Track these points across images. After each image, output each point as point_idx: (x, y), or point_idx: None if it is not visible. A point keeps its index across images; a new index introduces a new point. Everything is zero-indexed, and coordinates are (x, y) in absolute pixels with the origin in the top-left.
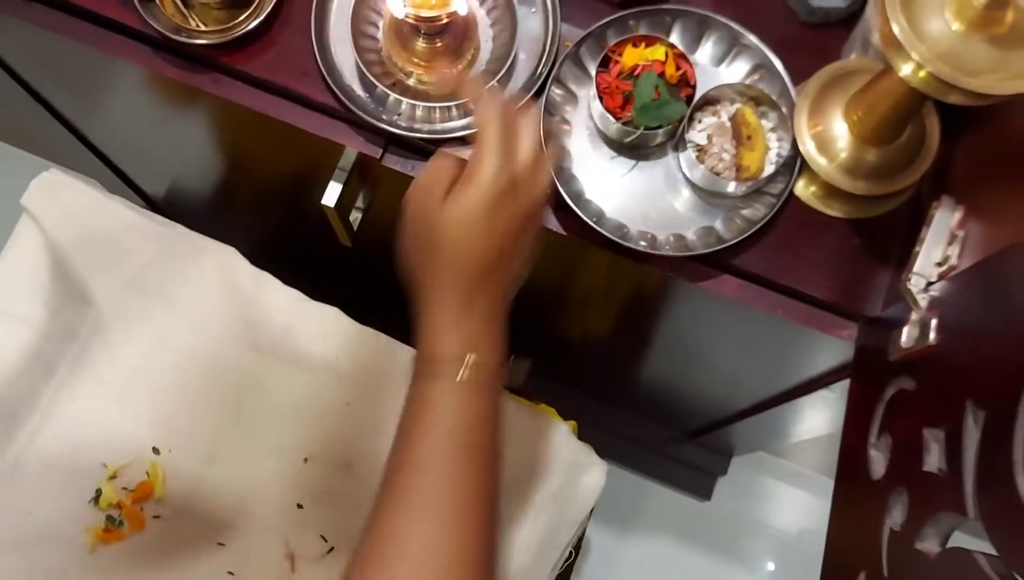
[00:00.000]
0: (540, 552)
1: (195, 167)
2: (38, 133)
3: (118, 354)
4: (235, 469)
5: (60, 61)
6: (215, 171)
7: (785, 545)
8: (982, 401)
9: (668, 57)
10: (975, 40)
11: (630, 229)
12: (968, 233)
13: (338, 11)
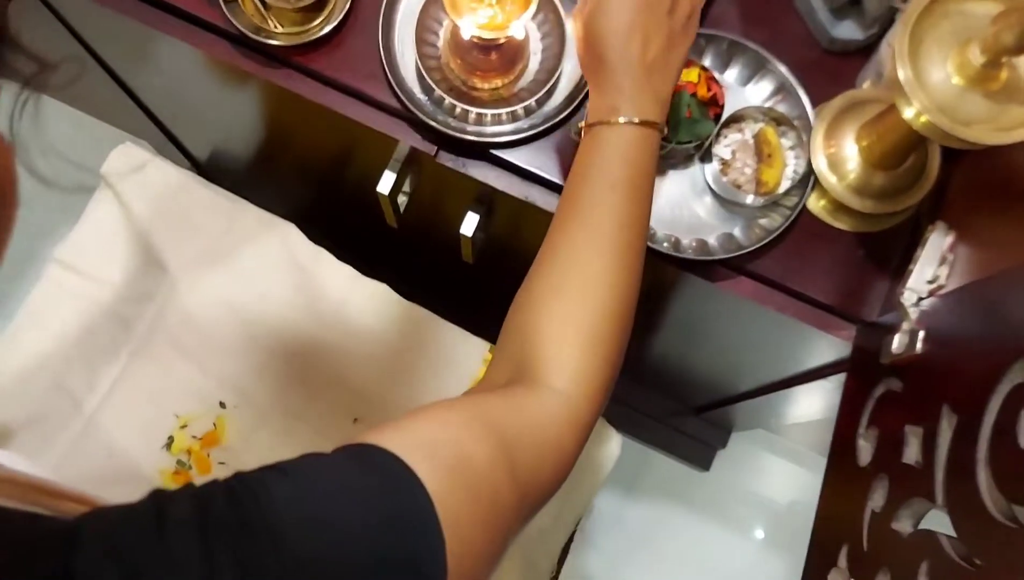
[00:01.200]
0: (560, 513)
1: (255, 145)
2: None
3: (191, 318)
4: (291, 424)
5: (138, 43)
6: (275, 151)
7: (776, 516)
8: (956, 406)
9: (700, 79)
10: (972, 94)
11: (657, 232)
12: (958, 256)
13: (403, 20)
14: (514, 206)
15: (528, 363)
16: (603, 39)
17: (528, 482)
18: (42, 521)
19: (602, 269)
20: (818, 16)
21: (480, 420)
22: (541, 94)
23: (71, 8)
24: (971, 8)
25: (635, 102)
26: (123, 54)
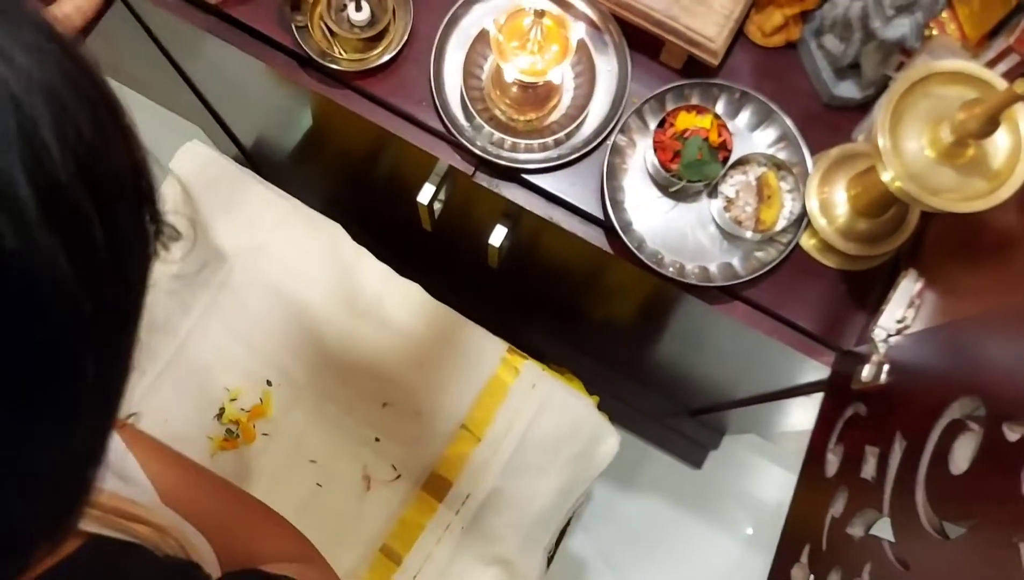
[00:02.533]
0: (559, 498)
1: (303, 144)
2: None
3: (244, 303)
4: (329, 404)
5: (207, 46)
6: (322, 152)
7: (763, 515)
8: (906, 433)
9: (713, 125)
10: (941, 166)
11: (664, 257)
12: (924, 302)
13: (452, 54)
14: (538, 223)
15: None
16: None
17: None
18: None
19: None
20: (822, 75)
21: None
22: (570, 128)
23: (155, 18)
24: (946, 92)
25: None
26: (191, 54)
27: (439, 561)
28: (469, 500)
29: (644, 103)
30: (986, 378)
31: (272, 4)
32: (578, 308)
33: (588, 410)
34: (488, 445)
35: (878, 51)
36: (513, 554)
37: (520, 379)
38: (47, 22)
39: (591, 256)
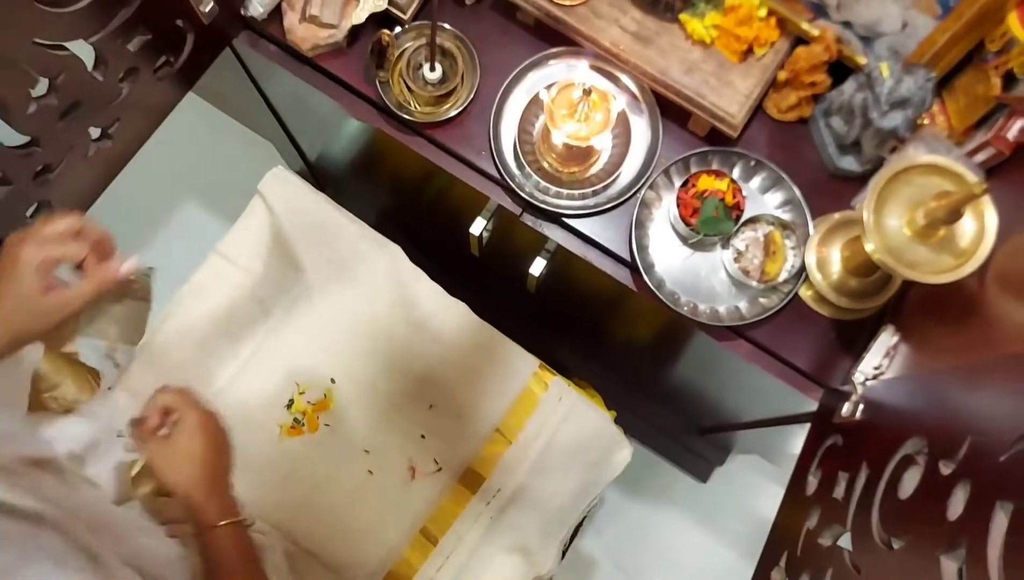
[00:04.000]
0: (576, 498)
1: (369, 169)
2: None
3: (315, 311)
4: (382, 402)
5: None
6: (385, 179)
7: (759, 529)
8: (870, 463)
9: (729, 188)
10: (916, 243)
11: (680, 297)
12: (897, 354)
13: (509, 112)
14: (574, 259)
15: None
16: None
17: None
18: None
19: None
20: (828, 149)
21: None
22: (607, 181)
23: (254, 60)
24: (925, 181)
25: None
26: (277, 84)
27: (469, 544)
28: (499, 494)
29: (671, 164)
30: (932, 422)
31: (360, 60)
32: (602, 330)
33: (606, 423)
34: (518, 447)
35: (876, 136)
36: (533, 544)
37: (549, 392)
38: None
39: (616, 288)
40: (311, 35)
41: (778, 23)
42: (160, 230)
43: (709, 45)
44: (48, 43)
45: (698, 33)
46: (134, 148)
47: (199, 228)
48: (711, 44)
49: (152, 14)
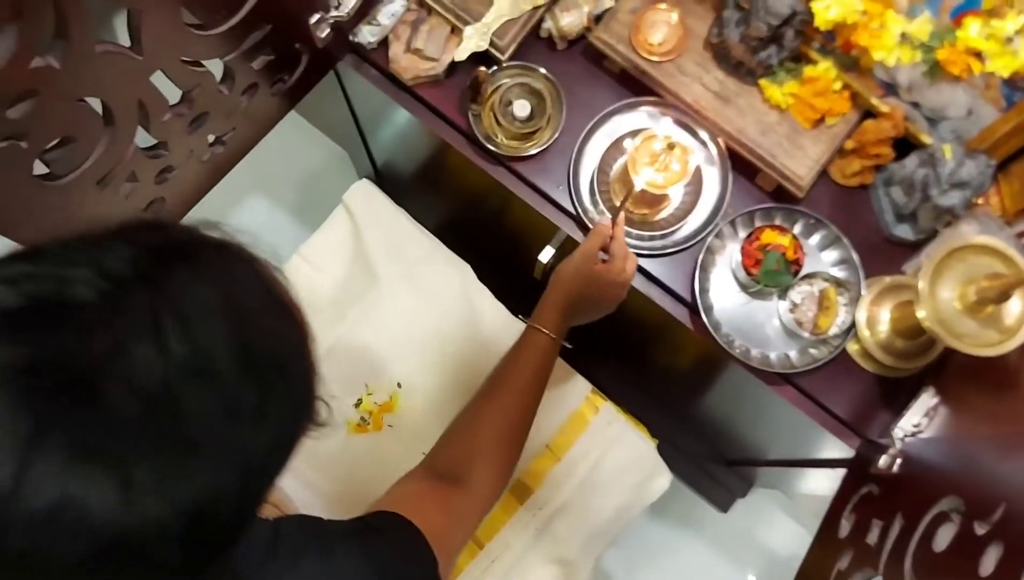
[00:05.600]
0: (616, 517)
1: (444, 188)
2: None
3: (387, 318)
4: (442, 410)
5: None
6: (462, 200)
7: (775, 564)
8: (905, 515)
9: (791, 244)
10: (965, 317)
11: (735, 340)
12: (937, 414)
13: (589, 152)
14: (634, 294)
15: (463, 471)
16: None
17: (450, 531)
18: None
19: (518, 424)
20: (885, 216)
21: (441, 504)
22: (676, 226)
23: (353, 82)
24: (979, 261)
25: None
26: (368, 105)
27: (514, 551)
28: (545, 507)
29: (737, 216)
30: (968, 484)
31: (455, 92)
32: (644, 356)
33: (650, 450)
34: (565, 465)
35: (933, 211)
36: (572, 557)
37: (599, 416)
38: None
39: (667, 321)
40: (413, 65)
41: (851, 96)
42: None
43: (784, 110)
44: (191, 60)
45: (775, 98)
46: (240, 155)
47: (265, 223)
48: (786, 109)
49: (278, 37)
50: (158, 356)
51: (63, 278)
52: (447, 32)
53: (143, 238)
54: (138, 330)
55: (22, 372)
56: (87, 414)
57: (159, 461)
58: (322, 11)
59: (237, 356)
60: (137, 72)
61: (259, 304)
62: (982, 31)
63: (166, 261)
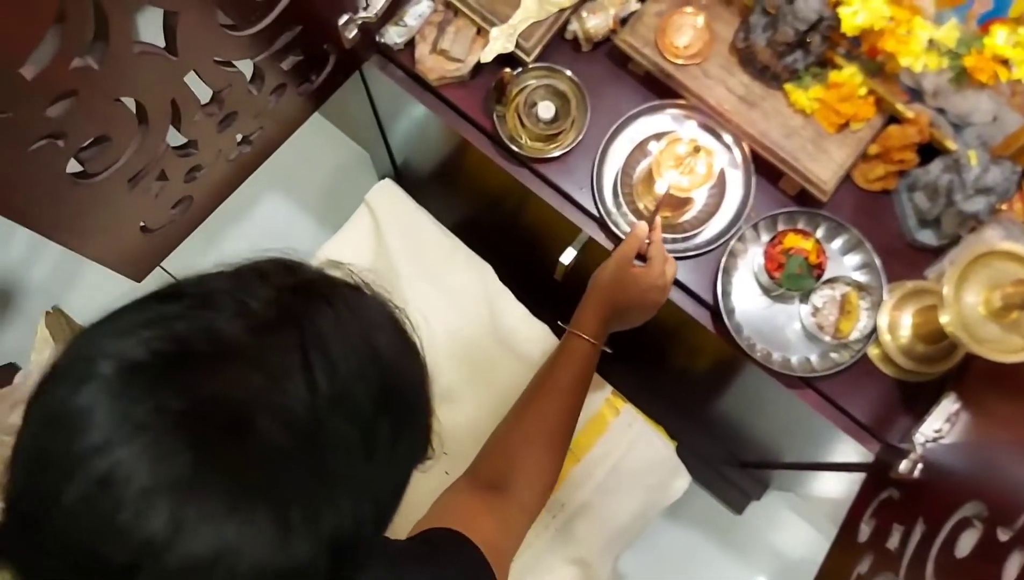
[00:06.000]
0: (635, 518)
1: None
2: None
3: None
4: (465, 411)
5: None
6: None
7: (788, 567)
8: (926, 520)
9: (814, 248)
10: (989, 322)
11: (756, 344)
12: (958, 420)
13: (613, 154)
14: None
15: (508, 480)
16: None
17: (502, 540)
18: None
19: (561, 429)
20: (908, 221)
21: (490, 516)
22: (699, 229)
23: (378, 82)
24: (1006, 267)
25: (599, 334)
26: (391, 105)
27: (533, 552)
28: (564, 508)
29: (760, 220)
30: (991, 490)
31: (479, 93)
32: (661, 357)
33: (669, 452)
34: (585, 466)
35: (957, 216)
36: (592, 557)
37: (619, 418)
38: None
39: (688, 323)
40: (439, 66)
41: (876, 101)
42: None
43: (809, 115)
44: (223, 61)
45: (800, 103)
46: (266, 154)
47: (285, 220)
48: (811, 114)
49: (307, 38)
50: (308, 393)
51: (212, 321)
52: (473, 33)
53: (279, 279)
54: (289, 368)
55: (178, 416)
56: (245, 453)
57: (310, 498)
58: (351, 12)
59: (375, 391)
60: (171, 72)
61: (391, 342)
62: (1009, 38)
63: (306, 300)
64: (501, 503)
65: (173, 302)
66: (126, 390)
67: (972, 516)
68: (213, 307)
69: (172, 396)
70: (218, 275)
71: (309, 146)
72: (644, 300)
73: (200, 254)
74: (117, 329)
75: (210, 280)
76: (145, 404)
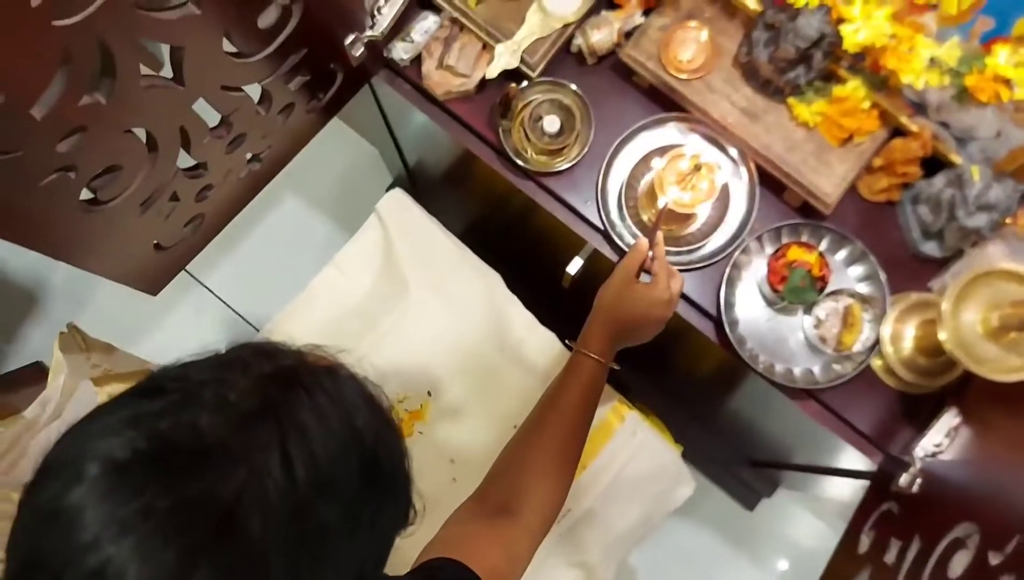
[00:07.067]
0: (639, 524)
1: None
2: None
3: (418, 327)
4: (472, 418)
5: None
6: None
7: (798, 563)
8: (923, 537)
9: (817, 261)
10: (987, 341)
11: (759, 355)
12: (959, 435)
13: (617, 168)
14: None
15: (516, 503)
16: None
17: (507, 568)
18: None
19: (569, 452)
20: (912, 233)
21: (496, 542)
22: (702, 242)
23: (387, 95)
24: (1006, 286)
25: (605, 352)
26: (401, 115)
27: (537, 556)
28: (569, 514)
29: (764, 232)
30: (985, 511)
31: (485, 107)
32: (671, 360)
33: (674, 458)
34: (590, 473)
35: (959, 231)
36: (594, 562)
37: (625, 425)
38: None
39: (693, 334)
40: (445, 81)
41: (879, 114)
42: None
43: (812, 128)
44: (231, 86)
45: (803, 116)
46: (277, 169)
47: (299, 219)
48: (814, 127)
49: (314, 59)
50: (290, 484)
51: (194, 419)
52: (479, 49)
53: (257, 367)
54: (270, 462)
55: (165, 514)
56: (230, 549)
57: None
58: (357, 31)
59: (356, 473)
60: (179, 101)
61: (368, 422)
62: (1011, 58)
63: (284, 390)
64: (508, 530)
65: (156, 398)
66: (113, 492)
67: (964, 537)
68: (195, 402)
69: (158, 496)
70: (199, 365)
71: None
72: (650, 315)
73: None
74: (103, 428)
75: (191, 371)
76: (132, 505)
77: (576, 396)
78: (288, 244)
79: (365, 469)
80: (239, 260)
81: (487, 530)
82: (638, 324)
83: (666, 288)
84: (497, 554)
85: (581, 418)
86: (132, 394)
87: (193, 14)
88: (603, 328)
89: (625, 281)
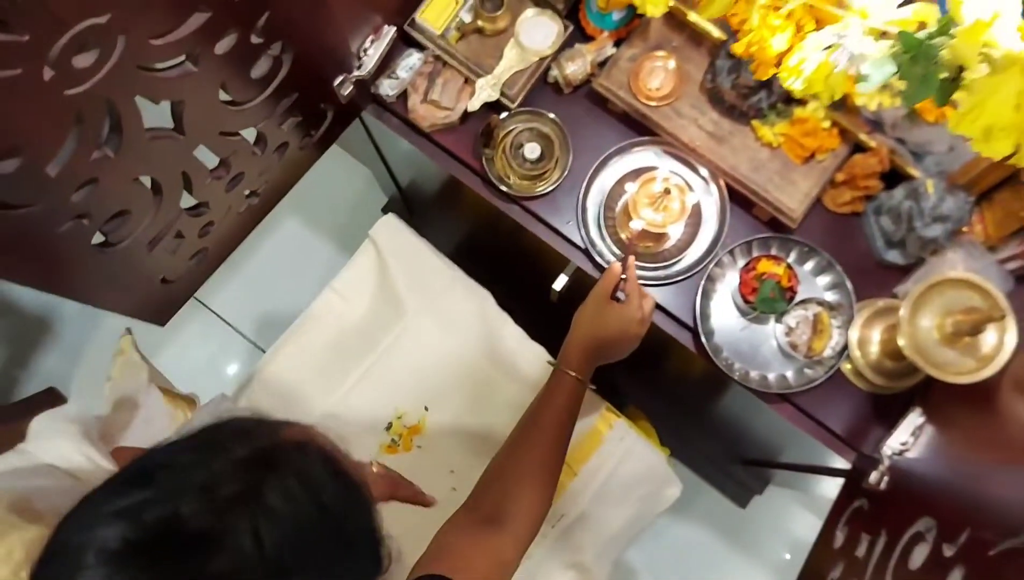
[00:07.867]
0: (629, 525)
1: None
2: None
3: (414, 346)
4: (468, 431)
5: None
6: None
7: (791, 557)
8: (888, 532)
9: (785, 273)
10: (942, 346)
11: (735, 363)
12: (923, 434)
13: (595, 190)
14: None
15: (503, 513)
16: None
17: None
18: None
19: (551, 462)
20: (876, 242)
21: (486, 552)
22: (678, 257)
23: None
24: (959, 294)
25: (583, 369)
26: (391, 144)
27: (534, 559)
28: (563, 518)
29: (736, 246)
30: (942, 506)
31: (469, 137)
32: (660, 365)
33: (660, 462)
34: (582, 478)
35: (918, 240)
36: (588, 562)
37: (613, 432)
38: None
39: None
40: (430, 114)
41: (840, 133)
42: (264, 247)
43: (776, 147)
44: (228, 132)
45: (767, 137)
46: (275, 202)
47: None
48: (777, 147)
49: (305, 102)
50: (260, 561)
51: (177, 508)
52: (461, 83)
53: (235, 450)
54: (244, 545)
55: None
56: None
57: None
58: (345, 72)
59: (326, 540)
60: (181, 149)
61: (336, 493)
62: None
63: (258, 473)
64: (496, 539)
65: (144, 488)
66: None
67: (925, 531)
68: (178, 492)
69: (143, 578)
70: (183, 448)
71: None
72: (625, 334)
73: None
74: (97, 516)
75: (176, 456)
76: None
77: (557, 411)
78: (290, 263)
79: (335, 535)
80: (242, 282)
81: (477, 540)
82: (614, 342)
83: (638, 307)
84: (486, 564)
85: (562, 431)
86: (123, 481)
87: (190, 71)
88: (580, 347)
89: (599, 302)
